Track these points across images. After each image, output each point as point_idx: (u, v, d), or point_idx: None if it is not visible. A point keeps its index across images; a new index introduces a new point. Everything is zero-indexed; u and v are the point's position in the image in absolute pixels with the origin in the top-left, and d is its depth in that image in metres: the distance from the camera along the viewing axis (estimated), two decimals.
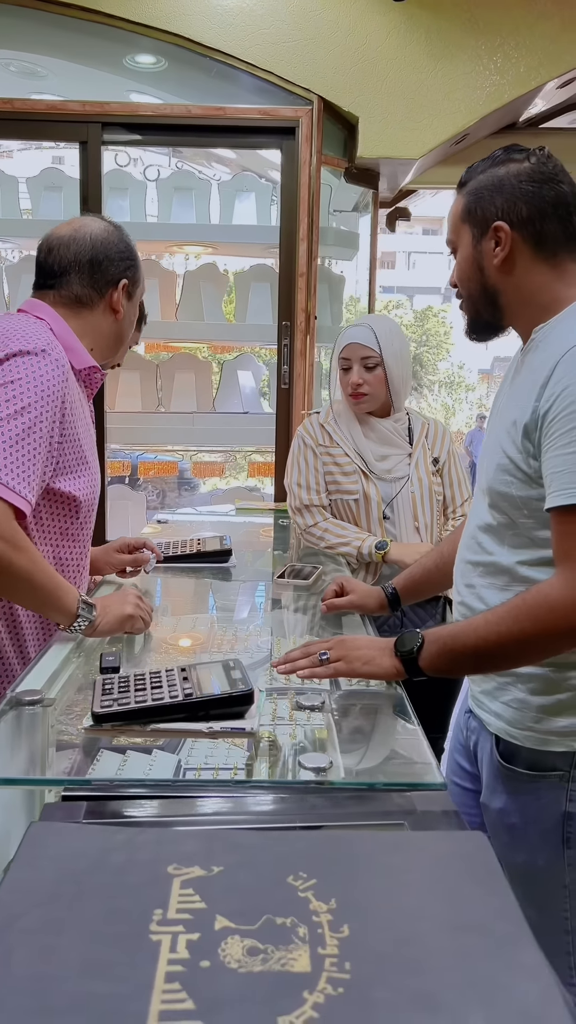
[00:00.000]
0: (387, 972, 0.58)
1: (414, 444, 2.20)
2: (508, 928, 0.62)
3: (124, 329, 1.64)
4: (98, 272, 1.54)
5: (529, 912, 1.43)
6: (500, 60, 2.95)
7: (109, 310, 1.58)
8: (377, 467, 2.16)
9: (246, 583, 2.00)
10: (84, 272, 1.54)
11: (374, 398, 2.14)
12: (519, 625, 1.16)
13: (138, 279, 1.63)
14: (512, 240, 1.28)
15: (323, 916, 0.64)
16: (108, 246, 1.55)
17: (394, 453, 2.17)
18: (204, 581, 1.99)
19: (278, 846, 0.74)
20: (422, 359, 23.59)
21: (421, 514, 2.14)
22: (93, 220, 1.60)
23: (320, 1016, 0.54)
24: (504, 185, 1.29)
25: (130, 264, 1.59)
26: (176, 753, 1.06)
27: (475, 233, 1.32)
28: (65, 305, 1.55)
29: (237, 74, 3.03)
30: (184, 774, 1.00)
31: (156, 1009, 0.55)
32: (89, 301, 1.55)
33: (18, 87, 3.48)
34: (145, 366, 3.53)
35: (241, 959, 0.60)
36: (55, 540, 1.50)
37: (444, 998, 0.56)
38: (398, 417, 2.20)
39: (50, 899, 0.65)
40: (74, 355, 1.51)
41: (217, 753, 1.06)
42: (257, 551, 2.44)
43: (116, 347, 1.66)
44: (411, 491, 2.14)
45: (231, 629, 1.66)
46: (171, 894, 0.67)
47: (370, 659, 1.26)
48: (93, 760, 1.03)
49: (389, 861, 0.72)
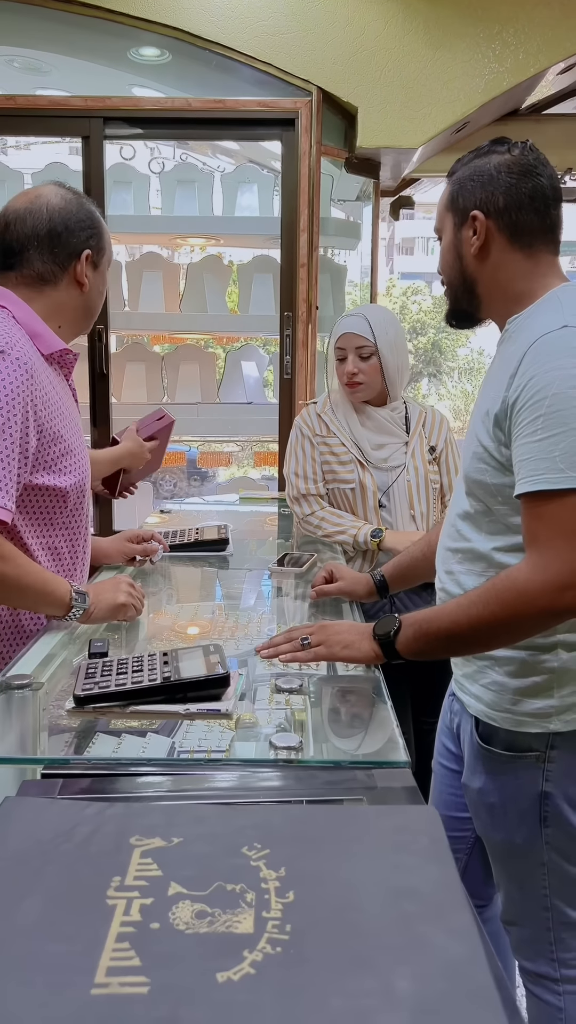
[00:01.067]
0: (324, 933, 0.62)
1: (411, 433, 2.21)
2: (444, 895, 0.66)
3: (92, 301, 1.57)
4: (58, 245, 1.47)
5: (511, 889, 1.48)
6: (499, 47, 2.95)
7: (74, 284, 1.51)
8: (373, 456, 2.19)
9: (241, 571, 2.04)
10: (44, 246, 1.47)
11: (369, 387, 2.16)
12: (489, 609, 1.19)
13: (103, 247, 1.55)
14: (487, 229, 1.31)
15: (271, 883, 0.68)
16: (67, 216, 1.48)
17: (390, 442, 2.19)
18: (200, 569, 2.03)
19: (238, 819, 0.78)
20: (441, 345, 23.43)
21: (417, 502, 2.17)
22: (50, 188, 1.52)
23: (256, 972, 0.58)
24: (484, 175, 1.31)
25: (92, 232, 1.51)
26: (171, 736, 1.10)
27: (456, 221, 1.36)
28: (28, 286, 1.48)
29: (237, 66, 3.05)
30: (177, 756, 1.04)
31: (105, 965, 0.59)
32: (52, 277, 1.49)
33: (22, 83, 3.52)
34: (150, 358, 3.57)
35: (189, 922, 0.64)
36: (46, 531, 1.49)
37: (374, 957, 0.59)
38: (395, 406, 2.22)
39: (15, 867, 0.70)
40: (41, 341, 1.47)
41: (211, 736, 1.10)
42: (260, 539, 2.48)
43: (86, 321, 1.59)
44: (407, 479, 2.16)
45: (221, 615, 1.70)
46: (130, 863, 0.71)
47: (350, 643, 1.30)
48: (88, 743, 1.07)
49: (341, 833, 0.76)
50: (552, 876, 1.37)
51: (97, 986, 0.57)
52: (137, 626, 1.58)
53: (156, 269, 3.43)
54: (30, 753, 1.04)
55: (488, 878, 1.51)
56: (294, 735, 1.00)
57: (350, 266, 3.90)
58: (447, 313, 1.47)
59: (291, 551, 2.11)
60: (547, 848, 1.36)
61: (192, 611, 1.76)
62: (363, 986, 0.57)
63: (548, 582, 1.16)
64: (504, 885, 1.44)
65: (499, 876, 1.45)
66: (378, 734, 1.07)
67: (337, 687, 1.27)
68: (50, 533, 1.50)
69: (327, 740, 1.07)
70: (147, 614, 1.71)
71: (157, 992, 0.57)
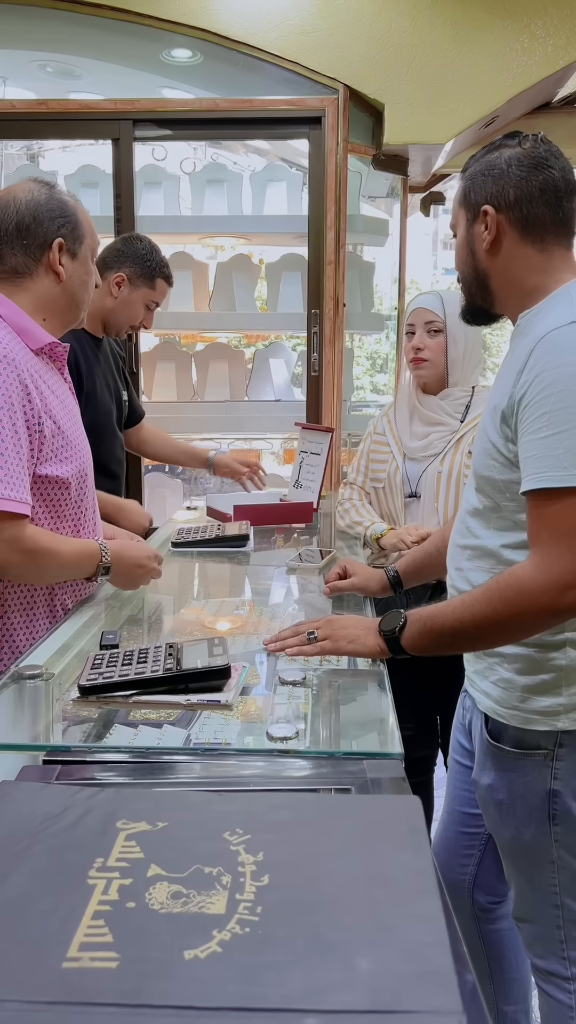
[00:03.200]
0: (293, 916, 0.64)
1: (465, 423, 2.11)
2: (414, 882, 0.67)
3: (74, 290, 1.56)
4: (28, 236, 1.48)
5: (522, 886, 1.48)
6: (527, 40, 2.92)
7: (51, 273, 1.51)
8: (410, 447, 2.14)
9: (260, 567, 2.06)
10: (14, 240, 1.48)
11: (433, 365, 2.11)
12: (492, 607, 1.19)
13: (79, 235, 1.54)
14: (498, 223, 1.30)
15: (248, 867, 0.70)
16: (35, 207, 1.49)
17: (436, 431, 2.12)
18: (220, 565, 2.06)
19: (223, 805, 0.80)
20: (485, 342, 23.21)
21: (442, 494, 2.07)
22: (23, 184, 1.53)
23: (223, 951, 0.60)
24: (495, 170, 1.31)
25: (64, 222, 1.51)
26: (188, 728, 1.12)
27: (468, 217, 1.35)
28: (7, 280, 1.50)
29: (264, 66, 3.07)
30: (193, 746, 1.05)
31: (79, 940, 0.61)
32: (27, 270, 1.50)
33: (56, 87, 3.58)
34: (180, 356, 3.61)
35: (164, 902, 0.66)
36: (53, 523, 1.52)
37: (338, 938, 0.61)
38: (451, 393, 2.13)
39: (3, 848, 0.72)
40: (29, 336, 1.48)
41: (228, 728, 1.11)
42: (287, 534, 2.50)
43: (72, 311, 1.59)
44: (437, 470, 2.08)
45: (239, 610, 1.72)
46: (115, 845, 0.73)
47: (355, 638, 1.31)
48: (107, 733, 1.09)
49: (322, 820, 0.77)
50: (562, 874, 1.36)
51: (69, 959, 0.59)
52: (156, 619, 1.62)
53: (186, 268, 3.46)
54: (33, 741, 1.07)
55: (502, 875, 1.51)
56: (290, 726, 1.01)
57: (383, 262, 3.90)
58: (462, 309, 1.47)
59: (310, 547, 2.13)
60: (556, 846, 1.35)
61: (209, 605, 1.78)
62: (324, 965, 0.58)
63: (551, 581, 1.16)
64: (515, 882, 1.44)
65: (510, 873, 1.45)
66: (375, 727, 1.08)
67: (341, 680, 1.29)
68: (57, 525, 1.53)
69: (325, 731, 1.08)
70: (166, 608, 1.74)
71: (125, 967, 0.59)
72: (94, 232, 1.61)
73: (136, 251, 2.38)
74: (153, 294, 2.41)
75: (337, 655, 1.32)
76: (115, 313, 2.39)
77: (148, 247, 2.40)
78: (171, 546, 2.11)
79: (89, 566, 1.51)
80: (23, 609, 1.54)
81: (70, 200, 1.55)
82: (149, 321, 2.47)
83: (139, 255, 2.37)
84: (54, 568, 1.47)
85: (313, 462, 2.54)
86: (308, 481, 2.55)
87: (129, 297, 2.37)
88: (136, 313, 2.41)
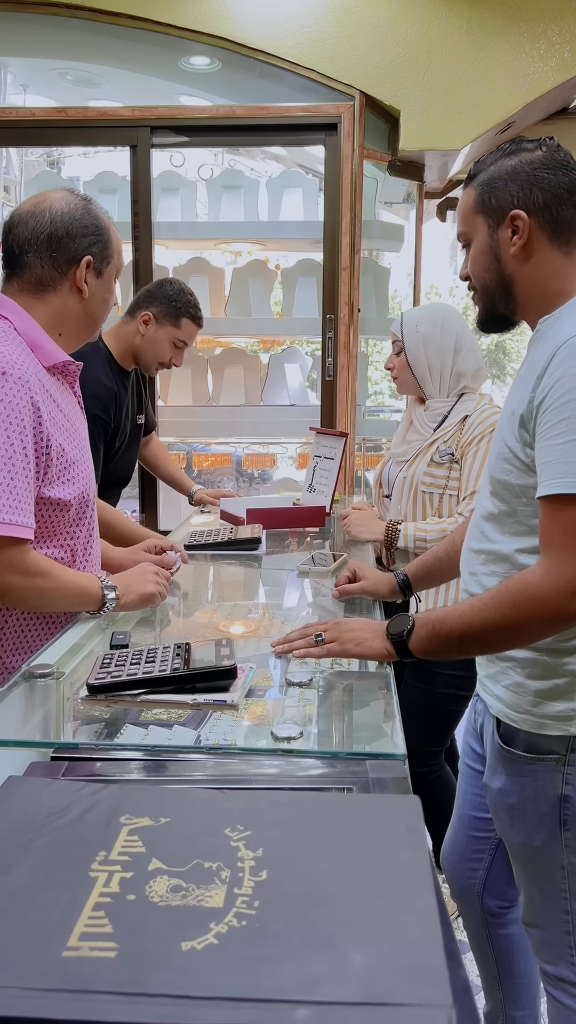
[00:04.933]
0: (289, 910, 0.65)
1: (436, 431, 2.17)
2: (410, 879, 0.68)
3: (94, 309, 1.55)
4: (58, 249, 1.46)
5: (531, 891, 1.48)
6: (543, 46, 2.93)
7: (74, 290, 1.49)
8: (395, 451, 2.27)
9: (272, 570, 2.07)
10: (43, 250, 1.45)
11: (402, 382, 2.23)
12: (501, 611, 1.20)
13: (108, 255, 1.52)
14: (530, 228, 1.29)
15: (247, 863, 0.71)
16: (70, 221, 1.46)
17: (416, 439, 2.20)
18: (233, 568, 2.07)
19: (226, 803, 0.81)
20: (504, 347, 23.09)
21: (404, 497, 2.18)
22: (58, 193, 1.51)
23: (219, 943, 0.61)
24: (519, 173, 1.30)
25: (96, 240, 1.49)
26: (198, 728, 1.14)
27: (490, 223, 1.33)
28: (28, 291, 1.48)
29: (281, 73, 3.10)
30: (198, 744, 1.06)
31: (79, 931, 0.63)
32: (51, 282, 1.48)
33: (75, 95, 3.62)
34: (196, 361, 3.64)
35: (164, 895, 0.67)
36: (41, 544, 1.48)
37: (332, 933, 0.62)
38: (430, 404, 2.19)
39: (8, 841, 0.74)
40: (42, 353, 1.46)
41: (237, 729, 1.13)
42: (299, 538, 2.51)
43: (88, 329, 1.58)
44: (403, 476, 2.18)
45: (250, 613, 1.73)
46: (117, 839, 0.74)
47: (362, 641, 1.31)
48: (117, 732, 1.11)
49: (321, 818, 0.78)
50: (572, 879, 1.36)
51: (69, 949, 0.61)
52: (167, 621, 1.63)
53: (202, 274, 3.49)
54: (42, 738, 1.08)
55: (512, 880, 1.51)
56: (295, 726, 1.02)
57: (399, 268, 3.91)
58: (479, 318, 1.45)
59: (322, 551, 2.14)
60: (567, 851, 1.35)
61: (222, 608, 1.80)
62: (317, 958, 0.59)
63: (561, 587, 1.16)
64: (524, 887, 1.44)
65: (519, 878, 1.45)
66: (379, 728, 1.09)
67: (348, 682, 1.29)
68: (49, 545, 1.50)
69: (330, 732, 1.09)
70: (178, 610, 1.75)
71: (124, 957, 0.60)
72: (121, 254, 1.60)
73: (165, 292, 2.52)
74: (179, 332, 2.52)
75: (344, 657, 1.33)
76: (143, 350, 2.52)
77: (177, 289, 2.54)
78: (184, 548, 2.13)
79: (90, 601, 1.47)
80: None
81: (104, 218, 1.53)
82: (179, 359, 2.58)
83: (167, 296, 2.51)
84: (56, 595, 1.43)
85: (327, 466, 2.56)
86: (321, 485, 2.56)
87: (156, 335, 2.50)
88: (163, 351, 2.53)
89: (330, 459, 2.56)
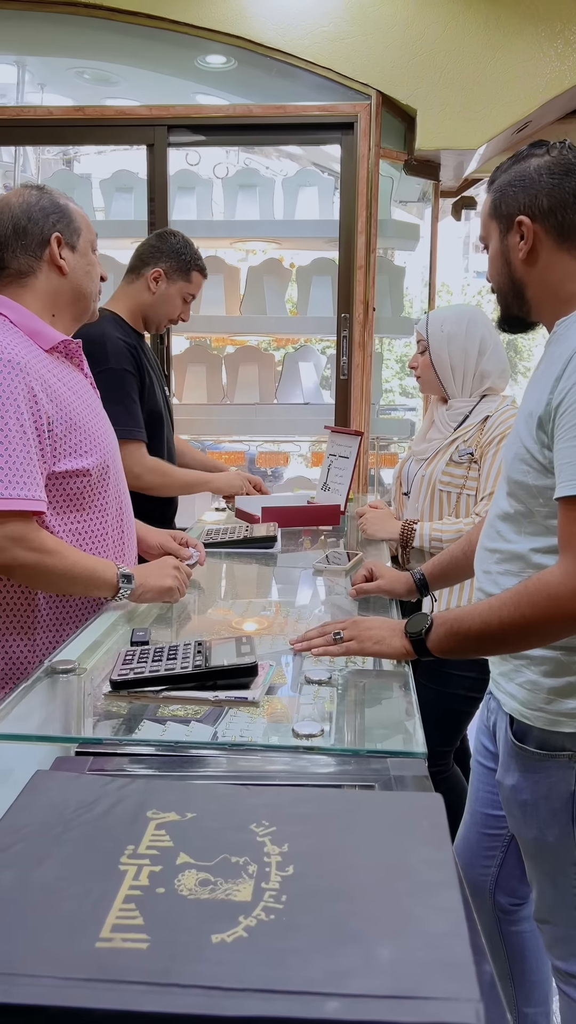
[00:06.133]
0: (316, 904, 0.66)
1: (457, 430, 2.18)
2: (435, 876, 0.69)
3: (79, 282, 1.61)
4: (25, 237, 1.53)
5: (544, 887, 1.49)
6: (560, 46, 2.92)
7: (54, 268, 1.56)
8: (416, 449, 2.28)
9: (288, 568, 2.08)
10: (13, 243, 1.53)
11: (425, 381, 2.23)
12: (520, 611, 1.20)
13: (75, 228, 1.59)
14: (534, 233, 1.31)
15: (274, 857, 0.72)
16: (29, 208, 1.54)
17: (436, 438, 2.21)
18: (249, 566, 2.09)
19: (250, 799, 0.82)
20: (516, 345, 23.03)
21: (421, 496, 2.19)
22: (15, 191, 1.59)
23: (248, 936, 0.62)
24: (525, 179, 1.32)
25: (58, 218, 1.56)
26: (214, 725, 1.15)
27: (501, 228, 1.36)
28: (14, 284, 1.55)
29: (298, 72, 3.11)
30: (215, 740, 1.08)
31: (111, 922, 0.64)
32: (30, 269, 1.55)
33: (92, 94, 3.64)
34: (211, 359, 3.65)
35: (192, 888, 0.68)
36: (76, 517, 1.53)
37: (360, 928, 0.63)
38: (452, 404, 2.20)
39: (38, 834, 0.75)
40: (41, 338, 1.53)
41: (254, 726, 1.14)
42: (314, 536, 2.52)
43: (79, 303, 1.63)
44: (422, 474, 2.20)
45: (266, 611, 1.75)
46: (145, 834, 0.76)
47: (381, 639, 1.32)
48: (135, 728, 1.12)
49: (346, 815, 0.79)
50: None
51: (102, 940, 0.62)
52: (185, 618, 1.64)
53: (218, 272, 3.50)
54: (67, 733, 1.10)
55: (524, 877, 1.52)
56: (316, 723, 1.04)
57: (414, 266, 3.91)
58: (499, 319, 1.48)
59: (337, 549, 2.15)
60: None
61: (238, 606, 1.81)
62: (346, 952, 0.60)
63: None
64: (537, 883, 1.45)
65: (532, 874, 1.46)
66: (399, 726, 1.10)
67: (367, 680, 1.31)
68: (80, 518, 1.54)
69: (350, 730, 1.10)
70: (194, 607, 1.77)
71: (155, 948, 0.61)
72: (90, 226, 1.66)
73: (171, 246, 2.44)
74: (189, 287, 2.48)
75: (363, 655, 1.34)
76: (154, 308, 2.45)
77: (182, 242, 2.47)
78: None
79: (103, 586, 1.50)
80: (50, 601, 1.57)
81: (61, 198, 1.60)
82: (187, 314, 2.54)
83: (175, 250, 2.44)
84: (64, 575, 1.45)
85: (341, 465, 2.56)
86: (336, 484, 2.57)
87: (167, 291, 2.44)
88: (174, 306, 2.48)
89: (345, 458, 2.56)
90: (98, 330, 2.23)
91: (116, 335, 2.32)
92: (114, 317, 2.39)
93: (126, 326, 2.42)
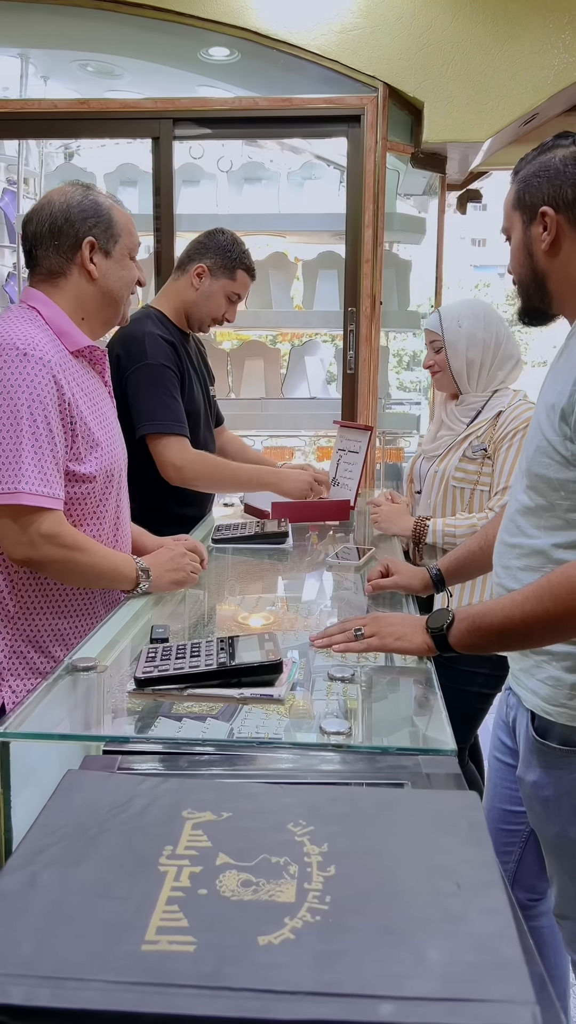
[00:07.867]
0: (362, 905, 0.65)
1: (470, 425, 2.17)
2: (480, 876, 0.68)
3: (110, 288, 1.58)
4: (59, 238, 1.52)
5: (564, 883, 1.48)
6: (569, 37, 2.91)
7: (84, 273, 1.54)
8: (426, 446, 2.27)
9: (300, 564, 2.08)
10: (48, 242, 1.52)
11: (443, 377, 2.21)
12: (543, 605, 1.20)
13: (113, 234, 1.56)
14: (557, 224, 1.30)
15: (314, 858, 0.71)
16: (68, 209, 1.52)
17: (448, 434, 2.21)
18: (260, 562, 2.08)
19: (285, 798, 0.82)
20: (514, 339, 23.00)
21: (434, 492, 2.18)
22: (60, 188, 1.57)
23: (295, 938, 0.62)
24: (550, 170, 1.31)
25: (95, 222, 1.54)
26: (230, 722, 1.14)
27: (524, 219, 1.35)
28: (45, 282, 1.54)
29: (304, 64, 3.09)
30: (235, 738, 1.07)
31: (156, 924, 0.63)
32: (61, 270, 1.53)
33: (96, 86, 3.62)
34: (216, 354, 3.64)
35: (235, 889, 0.67)
36: (69, 519, 1.51)
37: (408, 929, 0.62)
38: (463, 399, 2.20)
39: (75, 835, 0.74)
40: (67, 339, 1.52)
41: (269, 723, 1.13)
42: (323, 532, 2.51)
43: (109, 309, 1.61)
44: (434, 470, 2.19)
45: (280, 607, 1.74)
46: (182, 834, 0.75)
47: (402, 635, 1.32)
48: (151, 725, 1.12)
49: (383, 814, 0.78)
50: None
51: (147, 943, 0.61)
52: (196, 616, 1.64)
53: None
54: (92, 731, 1.09)
55: (542, 872, 1.51)
56: (344, 721, 1.03)
57: (419, 260, 3.90)
58: (519, 311, 1.47)
59: (348, 545, 2.14)
60: None
61: (251, 602, 1.80)
62: (396, 955, 0.59)
63: None
64: (557, 879, 1.44)
65: (552, 870, 1.45)
66: (427, 723, 1.09)
67: (389, 677, 1.30)
68: (76, 522, 1.54)
69: (376, 727, 1.09)
70: (209, 603, 1.76)
71: (202, 951, 0.60)
72: (132, 231, 1.62)
73: (218, 243, 2.38)
74: (234, 285, 2.40)
75: (384, 652, 1.33)
76: (197, 305, 2.38)
77: (230, 239, 2.40)
78: (211, 542, 2.14)
79: (124, 580, 1.55)
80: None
81: (105, 201, 1.57)
82: (232, 314, 2.45)
83: (220, 246, 2.38)
84: (91, 571, 1.49)
85: (351, 460, 2.55)
86: (345, 479, 2.56)
87: (210, 288, 2.36)
88: (218, 305, 2.39)
89: (354, 452, 2.55)
90: (139, 327, 2.21)
91: (156, 332, 2.27)
92: (157, 314, 2.35)
93: (168, 323, 2.36)
